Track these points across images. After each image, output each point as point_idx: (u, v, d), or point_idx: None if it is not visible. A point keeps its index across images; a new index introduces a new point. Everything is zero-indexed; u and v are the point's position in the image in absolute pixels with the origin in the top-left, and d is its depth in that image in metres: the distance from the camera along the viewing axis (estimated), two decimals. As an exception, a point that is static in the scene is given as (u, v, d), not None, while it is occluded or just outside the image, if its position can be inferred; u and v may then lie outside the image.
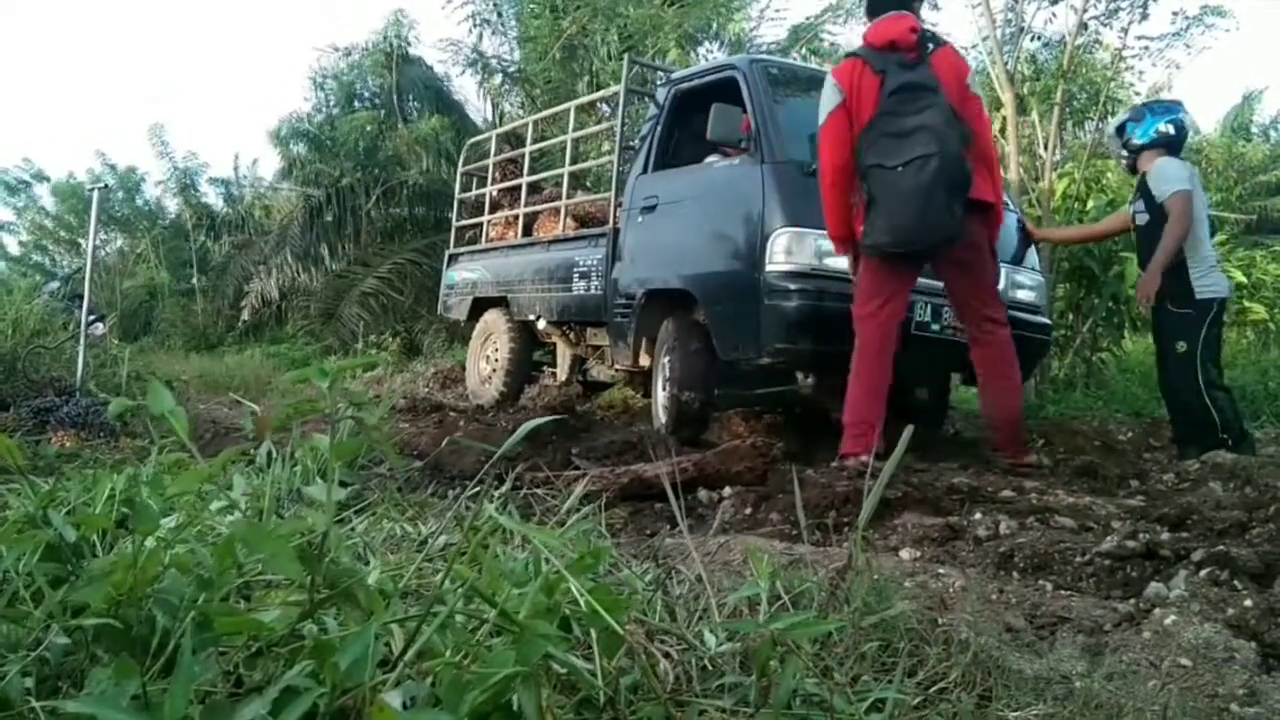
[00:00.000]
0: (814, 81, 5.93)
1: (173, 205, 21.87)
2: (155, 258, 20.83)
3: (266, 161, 20.61)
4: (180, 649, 0.97)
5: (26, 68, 68.34)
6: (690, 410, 5.15)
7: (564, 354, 7.19)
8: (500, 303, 7.49)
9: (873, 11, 4.32)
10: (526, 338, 7.36)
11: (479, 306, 7.89)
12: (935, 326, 4.73)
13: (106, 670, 1.03)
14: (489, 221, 8.06)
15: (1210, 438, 4.56)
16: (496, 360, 7.49)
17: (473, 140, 9.67)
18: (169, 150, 20.13)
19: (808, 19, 14.27)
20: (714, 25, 14.22)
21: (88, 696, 0.95)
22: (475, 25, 15.21)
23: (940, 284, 4.60)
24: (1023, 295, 5.19)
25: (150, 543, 1.31)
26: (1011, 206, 5.65)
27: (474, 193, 8.57)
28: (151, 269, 20.64)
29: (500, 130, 8.93)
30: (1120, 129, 5.11)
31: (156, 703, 0.93)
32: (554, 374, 7.46)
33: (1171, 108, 5.05)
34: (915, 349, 4.69)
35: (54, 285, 14.58)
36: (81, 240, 20.89)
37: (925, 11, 8.50)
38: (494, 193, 8.08)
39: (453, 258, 8.51)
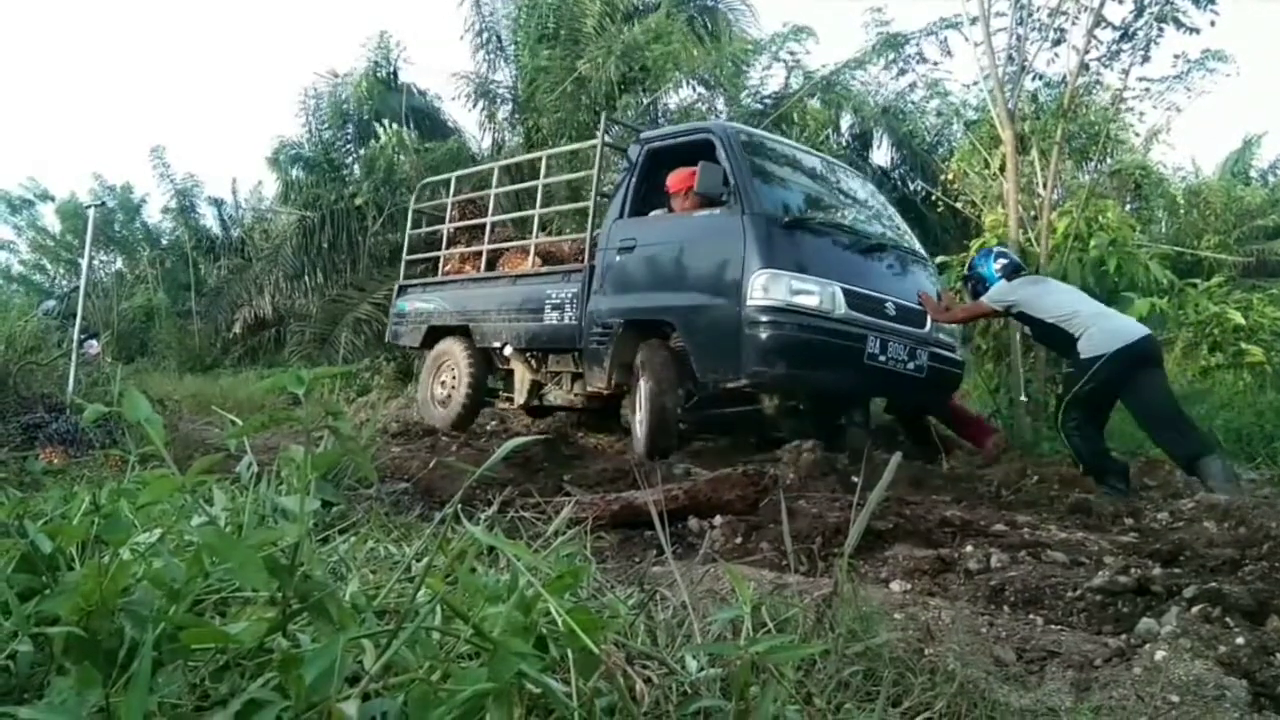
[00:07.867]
0: (779, 153, 6.65)
1: (172, 227, 21.95)
2: (154, 279, 20.86)
3: (270, 186, 20.69)
4: (141, 660, 0.95)
5: (38, 87, 68.74)
6: (667, 421, 5.66)
7: (523, 379, 7.44)
8: (457, 331, 7.87)
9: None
10: (484, 364, 7.71)
11: (433, 334, 8.20)
12: (882, 358, 5.60)
13: (69, 680, 1.00)
14: (445, 256, 8.54)
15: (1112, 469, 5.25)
16: (453, 385, 7.80)
17: (425, 181, 10.39)
18: (170, 172, 20.28)
19: (823, 65, 14.62)
20: (725, 70, 14.42)
21: (45, 704, 0.93)
22: (488, 54, 15.39)
23: (888, 323, 5.71)
24: (943, 336, 6.23)
25: (125, 554, 1.29)
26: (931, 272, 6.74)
27: (438, 227, 8.99)
28: (149, 290, 20.65)
29: (460, 173, 9.38)
30: (980, 296, 5.96)
31: (119, 714, 0.91)
32: (509, 398, 7.76)
33: (986, 254, 6.16)
34: (868, 379, 5.64)
35: (50, 304, 14.52)
36: (81, 260, 21.00)
37: (936, 55, 8.75)
38: (452, 230, 8.53)
39: (403, 289, 8.91)
